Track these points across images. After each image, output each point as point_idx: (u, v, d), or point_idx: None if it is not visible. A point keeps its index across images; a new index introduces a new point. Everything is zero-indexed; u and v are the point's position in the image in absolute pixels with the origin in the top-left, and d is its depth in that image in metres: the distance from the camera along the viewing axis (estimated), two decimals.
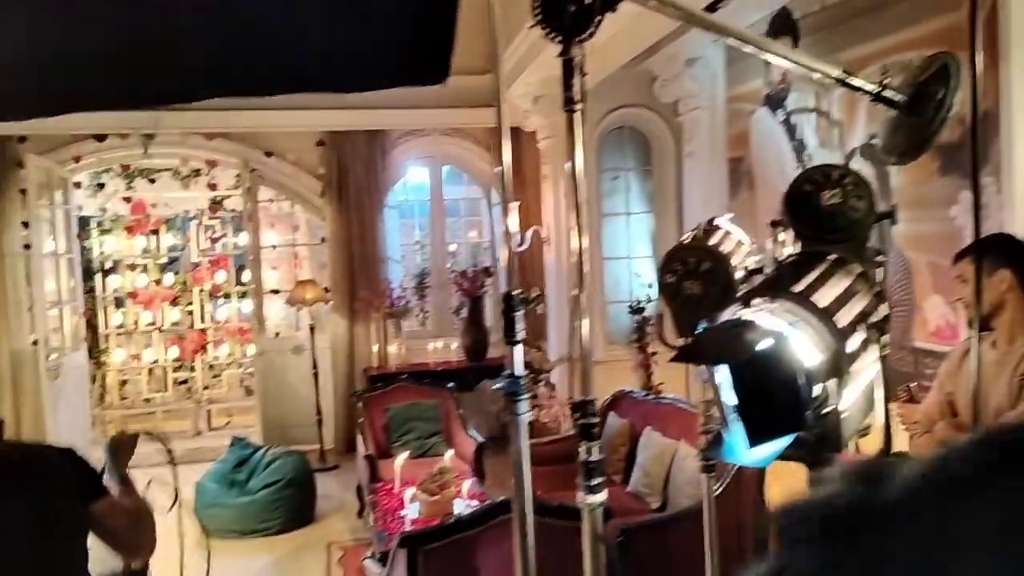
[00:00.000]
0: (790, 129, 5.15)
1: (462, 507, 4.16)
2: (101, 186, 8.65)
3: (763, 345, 1.02)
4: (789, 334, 1.04)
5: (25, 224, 7.45)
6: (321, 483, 6.33)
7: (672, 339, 1.70)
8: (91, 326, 9.04)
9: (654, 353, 6.40)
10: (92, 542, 2.01)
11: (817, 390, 1.04)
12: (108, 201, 9.23)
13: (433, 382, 6.43)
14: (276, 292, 8.40)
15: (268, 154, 7.83)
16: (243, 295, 9.74)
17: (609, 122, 6.60)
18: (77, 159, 7.68)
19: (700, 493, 2.17)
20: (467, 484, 4.32)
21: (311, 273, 8.56)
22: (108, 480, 2.15)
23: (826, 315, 1.09)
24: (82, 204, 8.65)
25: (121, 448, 2.28)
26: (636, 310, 6.32)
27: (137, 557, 2.32)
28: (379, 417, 5.98)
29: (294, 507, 5.82)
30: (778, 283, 1.20)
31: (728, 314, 1.14)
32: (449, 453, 4.93)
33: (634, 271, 7.12)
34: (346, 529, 5.80)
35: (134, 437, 2.35)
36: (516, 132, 7.95)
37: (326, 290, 7.70)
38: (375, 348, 7.81)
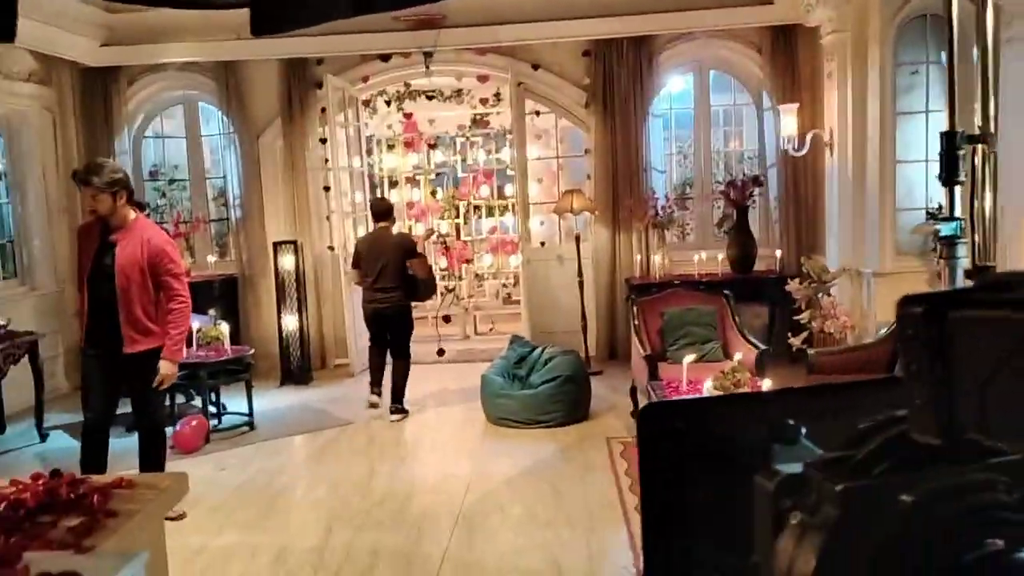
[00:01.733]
0: None
1: None
2: (387, 103, 9.29)
3: None
4: None
5: (323, 141, 8.23)
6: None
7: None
8: None
9: None
10: None
11: None
12: (385, 120, 9.94)
13: (709, 288, 6.38)
14: (540, 204, 8.65)
15: (535, 67, 7.98)
16: (504, 209, 10.17)
17: (908, 11, 6.00)
18: (365, 79, 8.28)
19: None
20: (766, 383, 4.28)
21: (571, 186, 8.72)
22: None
23: None
24: (367, 123, 9.34)
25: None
26: (935, 217, 5.81)
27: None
28: (654, 321, 6.05)
29: (572, 403, 6.09)
30: None
31: None
32: (738, 355, 4.90)
33: (933, 175, 6.53)
34: (622, 427, 5.99)
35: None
36: (791, 30, 7.49)
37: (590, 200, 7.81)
38: (637, 258, 7.85)
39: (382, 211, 6.69)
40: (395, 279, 6.39)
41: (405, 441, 6.27)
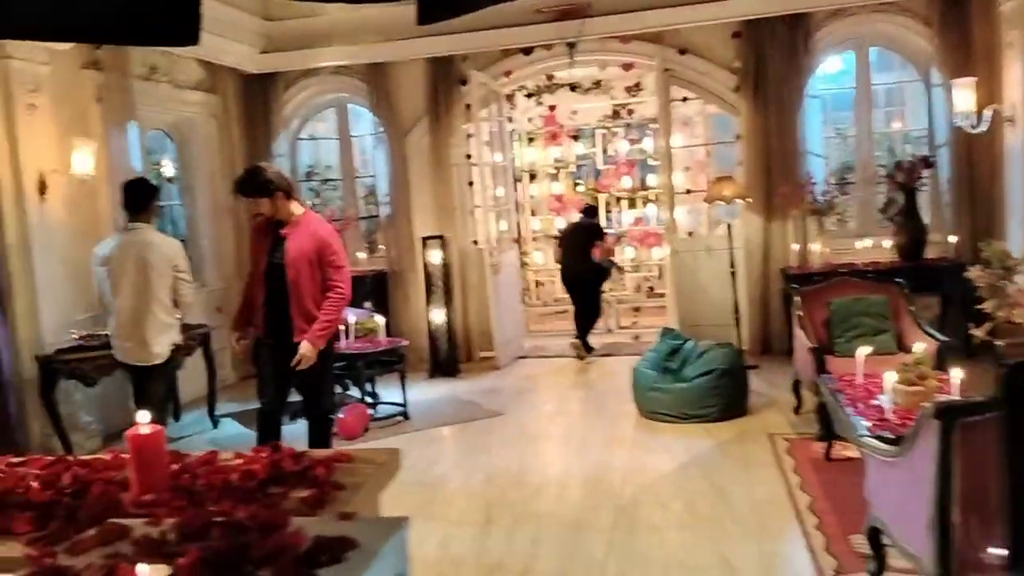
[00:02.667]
0: None
1: (945, 399, 3.79)
2: (528, 97, 9.31)
3: None
4: None
5: (468, 136, 8.32)
6: None
7: None
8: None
9: None
10: None
11: None
12: (526, 114, 9.95)
13: (879, 277, 5.98)
14: (688, 192, 8.40)
15: (682, 51, 7.75)
16: (647, 200, 9.97)
17: None
18: (508, 73, 8.30)
19: None
20: (956, 374, 3.93)
21: (718, 174, 8.44)
22: None
23: None
24: (510, 116, 9.37)
25: None
26: None
27: None
28: (819, 312, 5.72)
29: (729, 397, 5.86)
30: None
31: None
32: (920, 346, 4.53)
33: None
34: (784, 423, 5.71)
35: None
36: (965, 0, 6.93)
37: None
38: (794, 247, 7.48)
39: (588, 208, 8.62)
40: (583, 254, 8.11)
41: (556, 433, 6.22)
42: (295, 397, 4.77)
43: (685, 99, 8.33)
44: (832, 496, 4.39)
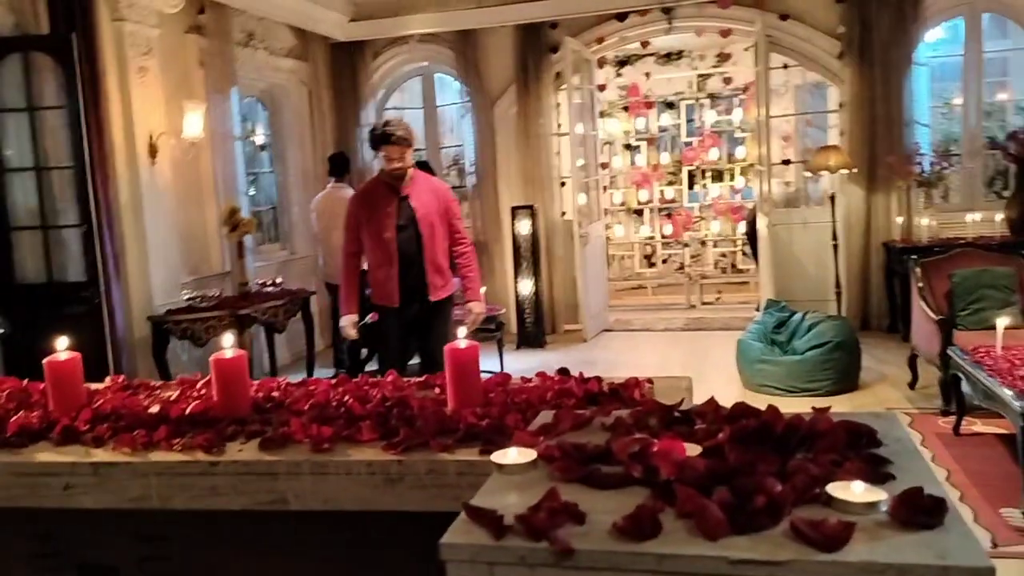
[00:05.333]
0: None
1: None
2: (614, 66, 9.12)
3: None
4: None
5: (557, 106, 8.19)
6: None
7: None
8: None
9: None
10: None
11: None
12: (611, 84, 9.77)
13: (1004, 249, 5.74)
14: (785, 163, 8.17)
15: (783, 17, 7.50)
16: (734, 173, 9.75)
17: None
18: (600, 40, 8.13)
19: None
20: None
21: (815, 145, 8.21)
22: None
23: None
24: (601, 85, 9.20)
25: None
26: None
27: None
28: (939, 284, 5.50)
29: (841, 371, 5.69)
30: None
31: None
32: None
33: None
34: (900, 397, 5.52)
35: None
36: None
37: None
38: (898, 220, 7.22)
39: None
40: None
41: None
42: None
43: (785, 66, 8.07)
44: (969, 470, 4.23)
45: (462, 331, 2.02)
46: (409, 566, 1.13)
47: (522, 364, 7.35)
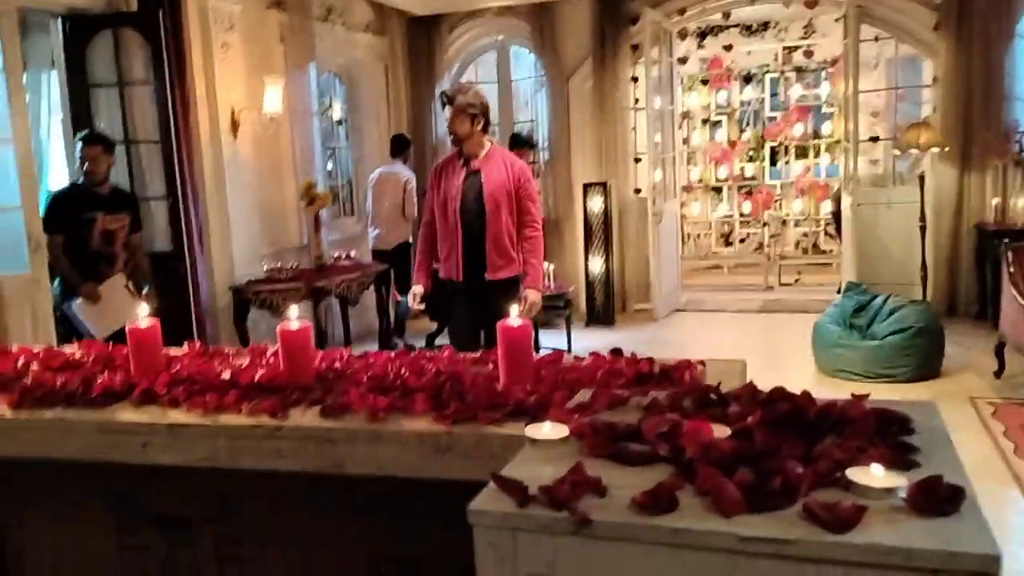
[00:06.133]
0: None
1: None
2: (703, 35, 8.93)
3: None
4: None
5: (634, 80, 8.09)
6: None
7: None
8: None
9: None
10: None
11: None
12: (691, 57, 9.58)
13: None
14: (872, 140, 7.88)
15: None
16: (819, 150, 9.46)
17: None
18: (682, 11, 7.97)
19: None
20: None
21: (901, 121, 7.88)
22: None
23: None
24: (682, 58, 9.02)
25: None
26: None
27: None
28: None
29: (923, 357, 5.51)
30: None
31: None
32: None
33: None
34: (984, 386, 5.32)
35: None
36: None
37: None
38: (993, 201, 6.90)
39: None
40: None
41: None
42: None
43: (876, 38, 7.76)
44: None
45: (515, 309, 2.04)
46: (449, 531, 1.19)
47: (589, 343, 7.34)
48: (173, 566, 2.04)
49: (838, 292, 6.98)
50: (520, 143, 7.17)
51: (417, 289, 4.35)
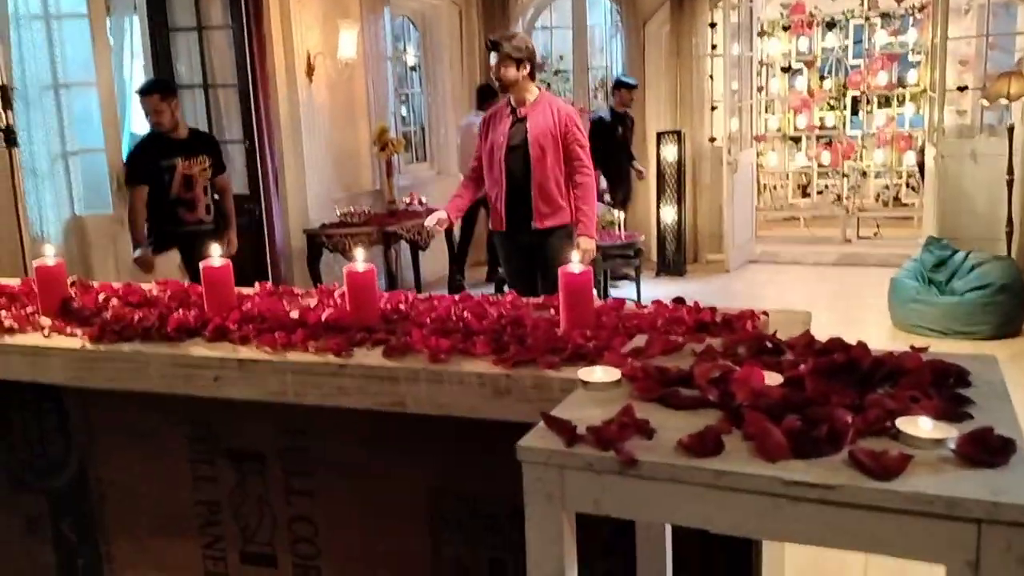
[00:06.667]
0: None
1: None
2: None
3: None
4: None
5: (712, 26, 7.85)
6: None
7: None
8: None
9: None
10: None
11: None
12: (770, 2, 9.23)
13: None
14: (961, 89, 7.50)
15: None
16: (903, 99, 9.05)
17: None
18: None
19: None
20: None
21: (991, 70, 7.46)
22: None
23: None
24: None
25: None
26: None
27: None
28: None
29: (1004, 315, 5.33)
30: None
31: None
32: None
33: None
34: None
35: None
36: None
37: None
38: None
39: None
40: None
41: None
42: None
43: None
44: None
45: (575, 255, 2.05)
46: (504, 470, 1.23)
47: (660, 292, 7.29)
48: (242, 495, 2.16)
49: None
50: (622, 84, 7.23)
51: (440, 215, 4.42)
